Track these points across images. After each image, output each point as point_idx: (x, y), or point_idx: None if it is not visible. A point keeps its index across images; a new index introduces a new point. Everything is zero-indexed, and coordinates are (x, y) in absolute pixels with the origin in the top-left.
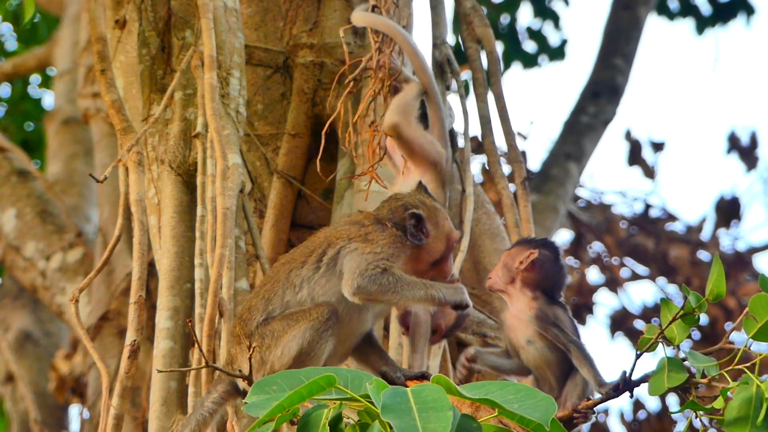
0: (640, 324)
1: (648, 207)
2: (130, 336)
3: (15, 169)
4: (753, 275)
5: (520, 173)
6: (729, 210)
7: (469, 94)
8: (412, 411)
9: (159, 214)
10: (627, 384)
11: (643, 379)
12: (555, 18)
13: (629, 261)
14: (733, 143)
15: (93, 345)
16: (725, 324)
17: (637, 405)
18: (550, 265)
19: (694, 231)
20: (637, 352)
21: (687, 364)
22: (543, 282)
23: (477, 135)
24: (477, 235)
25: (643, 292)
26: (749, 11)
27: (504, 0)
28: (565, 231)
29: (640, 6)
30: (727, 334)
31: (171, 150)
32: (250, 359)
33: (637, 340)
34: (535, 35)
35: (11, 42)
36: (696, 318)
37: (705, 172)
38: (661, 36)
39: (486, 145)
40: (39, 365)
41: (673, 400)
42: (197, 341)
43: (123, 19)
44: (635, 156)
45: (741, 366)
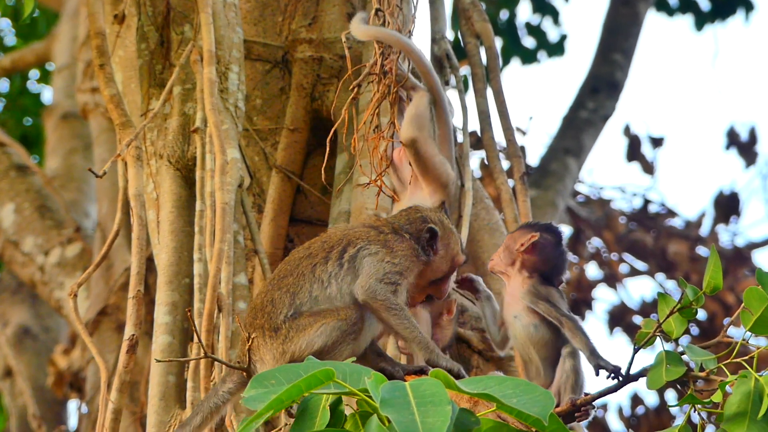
0: (638, 319)
1: (647, 202)
2: (128, 331)
3: (14, 164)
4: (752, 271)
5: (519, 168)
6: (728, 206)
7: (468, 89)
8: (410, 405)
9: (158, 208)
10: (623, 375)
11: (642, 373)
12: (554, 13)
13: (628, 256)
14: (732, 139)
15: (91, 340)
16: (724, 320)
17: (636, 400)
18: (550, 249)
19: (693, 227)
20: (635, 346)
21: (685, 358)
22: (542, 265)
23: (476, 130)
24: (476, 230)
25: (642, 287)
26: (748, 7)
27: None
28: (564, 226)
29: (639, 2)
30: (725, 327)
31: (170, 145)
32: (249, 351)
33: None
34: (534, 31)
35: (10, 37)
36: (694, 311)
37: (704, 167)
38: (661, 32)
39: (485, 141)
40: (37, 360)
41: (672, 395)
42: (197, 332)
43: (122, 14)
44: (634, 151)
45: (739, 359)
